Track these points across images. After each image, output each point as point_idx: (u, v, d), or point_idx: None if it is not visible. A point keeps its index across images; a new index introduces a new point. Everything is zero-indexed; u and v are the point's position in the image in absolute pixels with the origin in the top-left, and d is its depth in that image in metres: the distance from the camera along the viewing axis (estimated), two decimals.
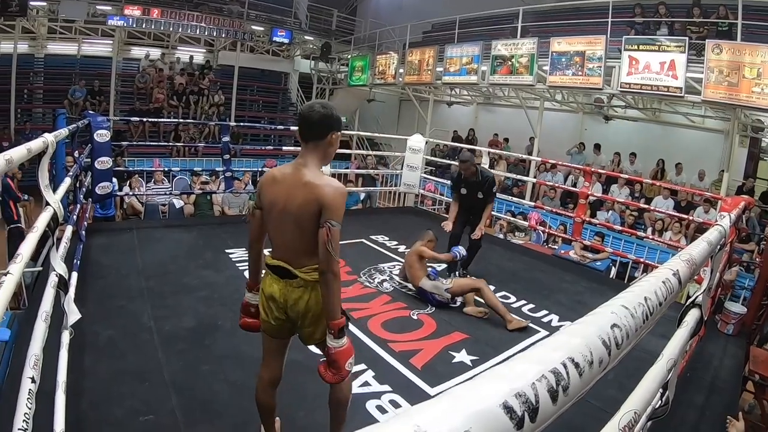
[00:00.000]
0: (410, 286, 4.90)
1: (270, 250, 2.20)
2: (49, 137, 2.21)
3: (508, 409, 0.48)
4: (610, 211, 9.86)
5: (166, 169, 8.96)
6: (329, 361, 2.03)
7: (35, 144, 2.04)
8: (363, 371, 3.28)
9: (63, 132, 3.26)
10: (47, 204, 2.21)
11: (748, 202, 4.53)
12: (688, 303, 1.86)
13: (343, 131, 2.21)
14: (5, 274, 1.41)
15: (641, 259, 6.93)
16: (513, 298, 4.98)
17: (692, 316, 1.75)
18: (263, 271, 2.24)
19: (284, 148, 13.80)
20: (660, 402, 1.61)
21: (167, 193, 8.33)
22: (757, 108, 8.11)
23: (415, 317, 4.29)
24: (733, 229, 3.64)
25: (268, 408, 2.35)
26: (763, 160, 10.96)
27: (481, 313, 4.42)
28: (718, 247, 2.10)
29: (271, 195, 2.09)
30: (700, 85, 8.28)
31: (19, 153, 1.72)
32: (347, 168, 11.03)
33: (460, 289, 4.53)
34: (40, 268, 3.96)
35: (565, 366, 0.58)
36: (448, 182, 11.06)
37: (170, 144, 13.46)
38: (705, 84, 8.16)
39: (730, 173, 9.32)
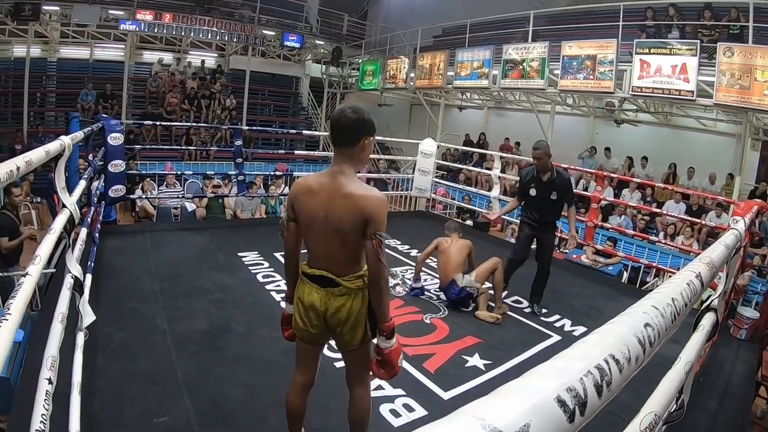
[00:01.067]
0: (423, 285, 4.93)
1: (307, 259, 2.19)
2: (66, 140, 2.22)
3: (562, 403, 0.50)
4: (623, 216, 9.79)
5: (178, 172, 9.00)
6: (383, 360, 2.12)
7: (53, 146, 2.06)
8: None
9: (79, 135, 3.29)
10: (63, 206, 2.22)
11: (761, 206, 4.48)
12: (703, 307, 1.85)
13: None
14: (24, 275, 1.41)
15: (653, 264, 6.88)
16: (525, 303, 4.96)
17: (708, 320, 1.74)
18: (299, 281, 2.23)
19: (296, 152, 13.83)
20: (675, 406, 1.60)
21: (179, 196, 8.38)
22: None
23: (427, 321, 4.28)
24: (747, 233, 3.61)
25: (299, 413, 2.36)
26: None
27: (494, 319, 4.40)
28: (734, 251, 2.09)
29: (308, 206, 2.06)
30: (712, 88, 8.22)
31: (38, 155, 1.73)
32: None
33: (485, 273, 4.59)
34: (53, 270, 3.99)
35: (607, 362, 0.61)
36: (461, 187, 11.15)
37: (182, 148, 13.53)
38: (717, 87, 8.10)
39: (742, 177, 9.25)
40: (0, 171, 1.26)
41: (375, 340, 2.16)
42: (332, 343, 2.29)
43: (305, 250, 2.21)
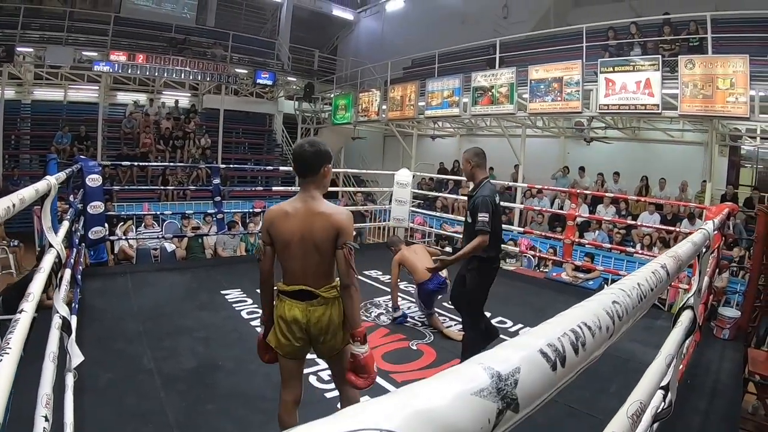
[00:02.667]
0: (406, 312, 4.98)
1: (283, 279, 2.38)
2: (51, 179, 2.25)
3: (545, 355, 0.63)
4: (597, 231, 9.97)
5: (156, 213, 8.96)
6: (357, 367, 2.27)
7: (41, 185, 2.09)
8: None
9: (62, 175, 3.31)
10: (50, 246, 2.24)
11: (731, 209, 4.66)
12: (681, 306, 1.94)
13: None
14: (20, 312, 1.44)
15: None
16: (510, 323, 5.03)
17: (686, 316, 1.84)
18: (277, 300, 2.43)
19: (274, 188, 13.87)
20: (663, 404, 1.67)
21: (158, 237, 8.33)
22: (733, 117, 8.29)
23: (414, 348, 4.31)
24: (718, 234, 3.74)
25: (290, 426, 2.37)
26: (743, 167, 11.22)
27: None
28: (705, 248, 2.20)
29: (286, 227, 2.30)
30: (676, 100, 8.47)
31: (29, 193, 1.76)
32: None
33: None
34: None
35: (580, 327, 0.73)
36: (438, 215, 11.27)
37: (159, 188, 13.46)
38: (681, 99, 8.35)
39: (712, 183, 9.47)
40: None
41: (350, 347, 2.31)
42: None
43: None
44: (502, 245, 4.41)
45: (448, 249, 10.20)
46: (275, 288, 2.46)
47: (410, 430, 0.42)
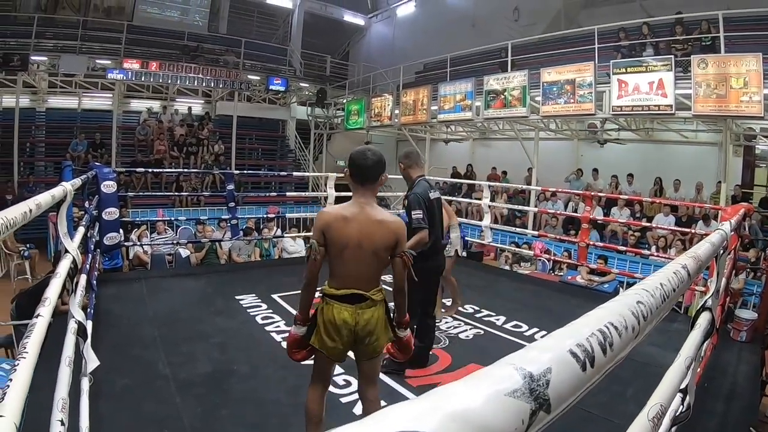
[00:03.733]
0: None
1: (331, 282, 2.43)
2: (67, 185, 2.27)
3: (574, 355, 0.63)
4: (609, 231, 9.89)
5: (170, 219, 9.02)
6: (401, 347, 2.63)
7: (57, 191, 2.10)
8: (382, 407, 3.26)
9: (77, 182, 3.33)
10: (66, 251, 2.25)
11: (747, 209, 4.58)
12: (699, 308, 1.91)
13: (343, 174, 2.60)
14: (37, 317, 1.44)
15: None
16: (525, 327, 4.97)
17: (704, 319, 1.82)
18: (322, 303, 2.46)
19: (288, 194, 13.93)
20: (682, 407, 1.64)
21: (172, 243, 8.38)
22: (747, 116, 8.22)
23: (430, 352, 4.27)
24: (734, 235, 3.68)
25: (319, 415, 2.54)
26: (758, 167, 11.07)
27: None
28: (722, 249, 2.17)
29: (343, 232, 2.32)
30: (690, 100, 8.41)
31: (45, 199, 1.77)
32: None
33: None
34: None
35: (607, 328, 0.74)
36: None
37: (173, 194, 13.57)
38: (694, 99, 8.29)
39: (727, 184, 9.36)
40: (14, 213, 1.30)
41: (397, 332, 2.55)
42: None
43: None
44: (517, 248, 4.46)
45: (464, 254, 10.17)
46: (319, 290, 2.48)
47: (446, 431, 0.41)
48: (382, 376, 3.69)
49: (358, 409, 3.07)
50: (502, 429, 0.46)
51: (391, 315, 2.53)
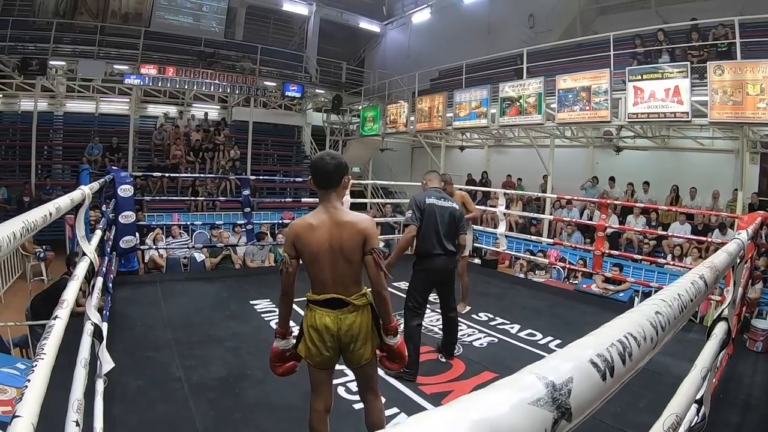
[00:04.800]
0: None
1: (312, 289, 2.43)
2: (86, 189, 2.30)
3: (595, 365, 0.64)
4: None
5: (185, 223, 9.08)
6: (393, 354, 2.49)
7: (76, 194, 2.13)
8: (396, 414, 3.25)
9: (95, 185, 3.37)
10: (83, 254, 2.27)
11: (764, 217, 4.51)
12: (715, 318, 1.89)
13: (358, 181, 2.58)
14: (55, 318, 1.45)
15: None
16: (539, 335, 4.94)
17: (720, 329, 1.80)
18: (306, 310, 2.46)
19: (303, 199, 13.98)
20: (697, 418, 1.62)
21: (188, 247, 8.44)
22: (764, 123, 8.10)
23: (443, 360, 4.25)
24: (751, 244, 3.63)
25: None
26: None
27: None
28: (739, 259, 2.15)
29: (314, 239, 2.32)
30: (706, 107, 8.31)
31: (64, 202, 1.79)
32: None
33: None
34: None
35: (627, 338, 0.75)
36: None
37: (189, 198, 13.67)
38: (710, 106, 8.18)
39: (744, 192, 9.22)
40: (35, 216, 1.32)
41: (384, 340, 2.47)
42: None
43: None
44: (532, 256, 4.52)
45: (477, 261, 10.13)
46: (305, 298, 2.47)
47: None
48: (394, 382, 3.68)
49: None
50: None
51: (379, 321, 2.48)
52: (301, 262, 2.44)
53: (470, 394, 0.50)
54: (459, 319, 5.17)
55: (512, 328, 5.12)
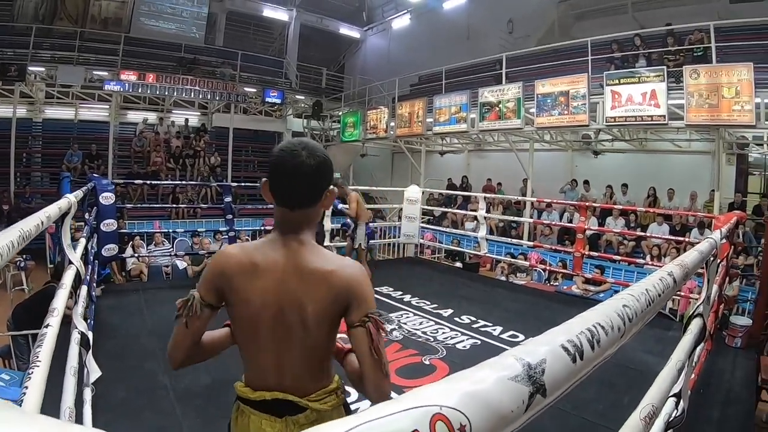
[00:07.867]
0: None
1: (246, 378, 1.51)
2: (71, 197, 2.31)
3: (565, 349, 0.72)
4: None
5: (166, 230, 9.02)
6: None
7: (63, 203, 2.14)
8: None
9: (80, 193, 3.37)
10: (70, 263, 2.28)
11: (740, 217, 4.66)
12: (690, 314, 1.96)
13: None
14: (46, 327, 1.47)
15: None
16: (522, 336, 5.01)
17: (695, 325, 1.87)
18: (234, 412, 1.54)
19: None
20: (676, 412, 1.69)
21: (170, 254, 8.39)
22: (740, 125, 8.30)
23: (427, 362, 4.30)
24: (726, 243, 3.74)
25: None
26: (752, 174, 11.16)
27: None
28: (712, 257, 2.23)
29: (255, 290, 1.37)
30: (683, 110, 8.49)
31: (53, 210, 1.81)
32: None
33: None
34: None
35: (595, 327, 0.83)
36: (444, 230, 11.28)
37: (170, 206, 13.55)
38: (687, 108, 8.37)
39: (721, 192, 9.41)
40: (29, 225, 1.34)
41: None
42: None
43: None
44: (513, 259, 4.59)
45: (459, 264, 10.21)
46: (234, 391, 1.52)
47: (465, 406, 0.52)
48: None
49: None
50: (507, 407, 0.57)
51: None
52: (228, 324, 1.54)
53: (460, 371, 0.60)
54: (442, 322, 5.26)
55: (495, 330, 5.19)
